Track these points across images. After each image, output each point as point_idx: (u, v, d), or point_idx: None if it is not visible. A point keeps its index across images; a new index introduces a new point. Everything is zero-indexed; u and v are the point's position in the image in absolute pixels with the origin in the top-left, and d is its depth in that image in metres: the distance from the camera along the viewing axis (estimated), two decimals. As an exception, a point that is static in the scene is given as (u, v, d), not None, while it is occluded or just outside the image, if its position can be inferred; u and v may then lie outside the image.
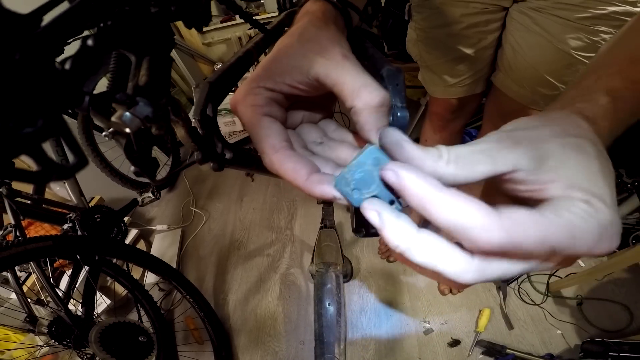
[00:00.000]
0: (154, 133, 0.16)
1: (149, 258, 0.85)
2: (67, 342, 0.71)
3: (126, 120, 0.12)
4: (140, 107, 0.12)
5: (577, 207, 0.12)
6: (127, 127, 0.12)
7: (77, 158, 0.10)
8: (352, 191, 0.14)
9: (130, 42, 0.12)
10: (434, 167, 0.13)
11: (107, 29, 0.10)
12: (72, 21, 0.09)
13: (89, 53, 0.10)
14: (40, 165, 0.10)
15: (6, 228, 0.75)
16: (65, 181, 0.92)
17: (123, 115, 0.12)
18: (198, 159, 0.22)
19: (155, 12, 0.12)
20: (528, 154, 0.14)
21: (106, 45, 0.10)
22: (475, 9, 0.52)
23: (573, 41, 0.46)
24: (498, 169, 0.13)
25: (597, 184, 0.13)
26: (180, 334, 1.05)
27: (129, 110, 0.12)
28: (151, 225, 1.43)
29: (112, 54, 0.14)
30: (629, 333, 0.84)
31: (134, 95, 0.12)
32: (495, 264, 0.13)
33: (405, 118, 0.19)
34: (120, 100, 0.12)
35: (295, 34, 0.19)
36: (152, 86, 0.13)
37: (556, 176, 0.13)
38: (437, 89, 0.68)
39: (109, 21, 0.10)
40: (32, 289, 0.93)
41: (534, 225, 0.12)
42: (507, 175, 0.14)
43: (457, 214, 0.12)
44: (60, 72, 0.09)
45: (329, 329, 0.69)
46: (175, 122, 0.19)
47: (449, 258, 0.12)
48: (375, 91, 0.16)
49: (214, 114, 0.24)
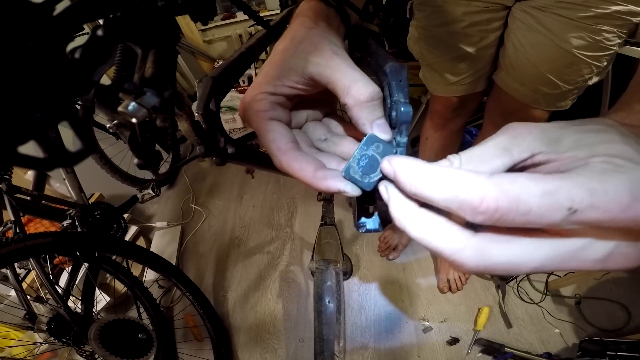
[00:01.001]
0: (159, 125, 0.16)
1: (148, 255, 0.85)
2: (67, 340, 0.70)
3: (133, 110, 0.12)
4: (148, 97, 0.12)
5: (596, 165, 0.11)
6: (134, 116, 0.12)
7: (84, 145, 0.10)
8: (361, 177, 0.16)
9: (138, 34, 0.12)
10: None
11: (116, 20, 0.10)
12: (83, 11, 0.09)
13: (98, 43, 0.10)
14: (47, 152, 0.10)
15: (6, 224, 0.74)
16: (65, 177, 0.91)
17: (130, 104, 0.12)
18: (201, 152, 0.22)
19: (163, 5, 0.13)
20: (544, 139, 0.13)
21: (115, 36, 0.10)
22: (478, 7, 0.52)
23: (575, 40, 0.46)
24: (515, 157, 0.13)
25: (622, 149, 0.12)
26: (179, 331, 1.05)
27: (136, 100, 0.12)
28: (151, 222, 1.43)
29: (118, 46, 0.14)
30: (626, 332, 0.85)
31: (141, 86, 0.12)
32: (500, 246, 0.12)
33: (409, 113, 0.19)
34: (128, 89, 0.12)
35: (288, 37, 0.20)
36: (158, 78, 0.13)
37: (576, 149, 0.12)
38: (438, 87, 0.68)
39: (118, 12, 0.10)
40: (32, 286, 0.93)
41: (536, 181, 0.11)
42: (528, 161, 0.13)
43: (446, 184, 0.11)
44: (71, 61, 0.09)
45: (328, 327, 0.69)
46: (180, 115, 0.20)
47: (446, 234, 0.12)
48: (364, 87, 0.17)
49: (217, 108, 0.24)
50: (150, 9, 0.12)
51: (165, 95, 0.13)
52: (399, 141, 0.22)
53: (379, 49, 0.28)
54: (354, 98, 0.17)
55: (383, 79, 0.23)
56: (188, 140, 0.23)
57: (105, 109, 0.15)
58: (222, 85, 0.25)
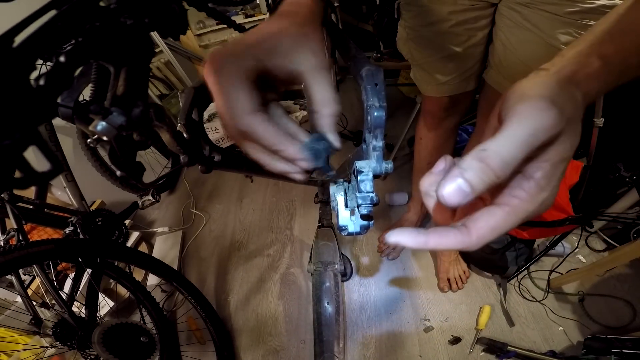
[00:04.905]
0: (135, 139, 0.17)
1: (150, 260, 0.86)
2: (72, 344, 0.72)
3: (102, 130, 0.13)
4: (114, 117, 0.13)
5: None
6: (103, 135, 0.13)
7: (52, 165, 0.10)
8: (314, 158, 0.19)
9: (107, 54, 0.13)
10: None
11: (79, 45, 0.11)
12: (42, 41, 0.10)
13: (62, 69, 0.10)
14: (22, 172, 0.11)
15: (9, 232, 0.76)
16: (65, 186, 0.93)
17: (98, 124, 0.13)
18: (184, 161, 0.23)
19: (130, 25, 0.13)
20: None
21: (79, 60, 0.11)
22: (463, 6, 0.52)
23: (563, 36, 0.46)
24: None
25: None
26: (182, 334, 1.06)
27: (105, 120, 0.13)
28: (152, 228, 1.45)
29: (93, 65, 0.15)
30: (632, 329, 0.84)
31: (111, 105, 0.13)
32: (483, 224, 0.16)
33: (381, 117, 0.20)
34: (94, 111, 0.13)
35: (286, 21, 0.20)
36: (129, 96, 0.14)
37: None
38: (428, 87, 0.68)
39: (80, 37, 0.11)
40: (37, 292, 0.95)
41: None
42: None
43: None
44: (35, 89, 0.10)
45: (328, 328, 0.69)
46: (160, 127, 0.20)
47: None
48: (333, 107, 0.20)
49: (199, 118, 0.25)
50: (116, 30, 0.12)
51: (134, 112, 0.14)
52: (374, 145, 0.22)
53: (359, 52, 0.28)
54: (323, 113, 0.19)
55: (360, 83, 0.24)
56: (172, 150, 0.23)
57: (83, 125, 0.15)
58: (205, 95, 0.25)
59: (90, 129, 0.13)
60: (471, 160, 0.15)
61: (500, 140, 0.15)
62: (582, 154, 0.99)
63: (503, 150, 0.15)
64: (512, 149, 0.15)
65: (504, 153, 0.14)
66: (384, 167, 0.21)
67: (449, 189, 0.15)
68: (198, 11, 0.30)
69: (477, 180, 0.14)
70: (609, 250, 1.00)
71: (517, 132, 0.15)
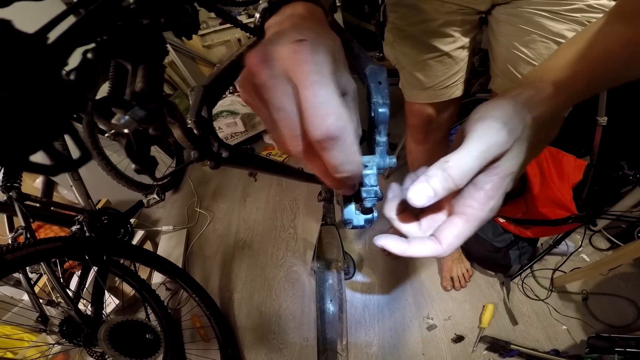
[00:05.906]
0: (151, 133, 0.18)
1: (155, 258, 0.87)
2: (78, 341, 0.73)
3: (124, 122, 0.13)
4: (136, 110, 0.13)
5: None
6: (125, 128, 0.14)
7: (82, 153, 0.11)
8: None
9: (126, 52, 0.14)
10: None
11: (104, 42, 0.11)
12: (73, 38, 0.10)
13: (89, 65, 0.11)
14: (53, 160, 0.11)
15: (17, 230, 0.77)
16: (72, 184, 0.94)
17: (121, 117, 0.13)
18: (195, 157, 0.24)
19: (147, 24, 0.14)
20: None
21: (104, 57, 0.11)
22: (451, 8, 0.52)
23: (568, 32, 0.46)
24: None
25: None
26: (187, 332, 1.07)
27: (127, 113, 0.13)
28: (157, 227, 1.46)
29: (111, 63, 0.16)
30: (635, 328, 0.83)
31: (130, 100, 0.14)
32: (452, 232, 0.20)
33: (385, 114, 0.20)
34: (118, 105, 0.13)
35: (323, 28, 0.20)
36: (147, 91, 0.15)
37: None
38: (413, 92, 0.66)
39: (105, 36, 0.11)
40: (44, 289, 0.96)
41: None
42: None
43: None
44: (67, 82, 0.11)
45: (330, 325, 0.70)
46: (172, 123, 0.21)
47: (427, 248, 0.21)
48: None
49: (209, 115, 0.25)
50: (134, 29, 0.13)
51: (152, 107, 0.14)
52: (378, 141, 0.23)
53: (362, 51, 0.29)
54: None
55: (364, 81, 0.24)
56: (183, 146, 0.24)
57: (102, 120, 0.16)
58: (214, 93, 0.26)
59: (113, 122, 0.14)
60: (436, 170, 0.18)
61: (461, 154, 0.18)
62: (585, 153, 0.99)
63: (462, 162, 0.18)
64: (469, 162, 0.18)
65: (462, 165, 0.18)
66: (387, 162, 0.22)
67: (417, 192, 0.18)
68: (208, 12, 0.31)
69: (440, 186, 0.17)
70: (613, 249, 0.99)
71: (474, 146, 0.18)
